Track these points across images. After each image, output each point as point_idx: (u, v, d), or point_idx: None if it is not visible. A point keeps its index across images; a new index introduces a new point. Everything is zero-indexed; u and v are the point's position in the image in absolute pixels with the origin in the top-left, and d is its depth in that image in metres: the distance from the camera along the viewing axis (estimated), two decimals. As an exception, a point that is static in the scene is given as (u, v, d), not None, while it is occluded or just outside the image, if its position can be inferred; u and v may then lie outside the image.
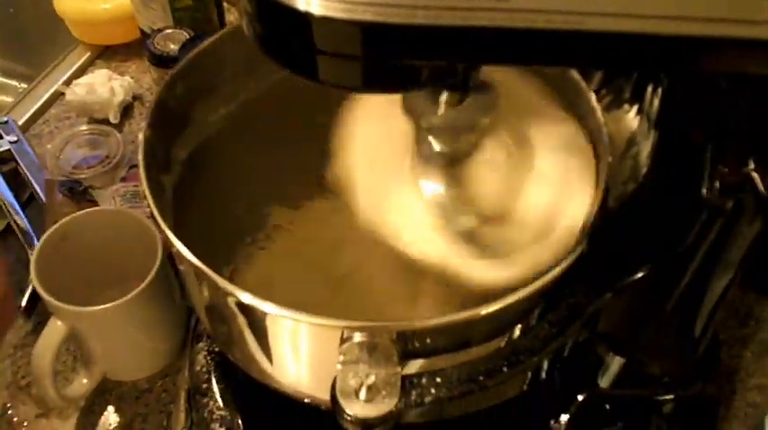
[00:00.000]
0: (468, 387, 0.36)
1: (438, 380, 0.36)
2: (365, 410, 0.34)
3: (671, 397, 0.54)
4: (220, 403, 0.56)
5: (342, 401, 0.34)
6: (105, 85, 0.78)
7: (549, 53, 0.28)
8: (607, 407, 0.54)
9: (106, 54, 0.90)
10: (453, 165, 0.40)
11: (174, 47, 0.72)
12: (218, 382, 0.57)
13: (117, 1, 0.86)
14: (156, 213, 0.38)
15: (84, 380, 0.58)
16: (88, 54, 0.89)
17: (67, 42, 0.91)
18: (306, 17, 0.28)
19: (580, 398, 0.53)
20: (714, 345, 0.56)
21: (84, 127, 0.76)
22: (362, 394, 0.34)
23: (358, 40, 0.28)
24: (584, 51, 0.28)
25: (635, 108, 0.44)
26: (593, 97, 0.43)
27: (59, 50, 0.91)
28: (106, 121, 0.78)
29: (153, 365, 0.60)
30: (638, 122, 0.43)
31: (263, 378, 0.45)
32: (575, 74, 0.44)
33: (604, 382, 0.50)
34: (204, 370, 0.58)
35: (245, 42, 0.43)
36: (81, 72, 0.87)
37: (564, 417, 0.53)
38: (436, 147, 0.39)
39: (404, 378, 0.35)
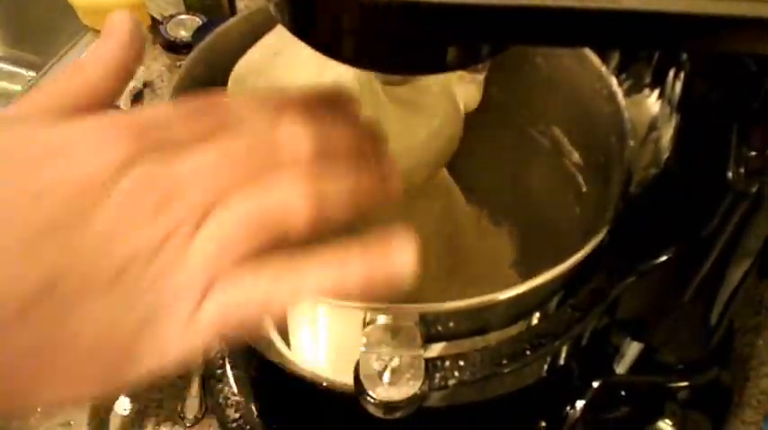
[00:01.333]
0: (491, 370, 0.36)
1: (461, 363, 0.36)
2: (389, 393, 0.34)
3: (685, 384, 0.54)
4: (235, 388, 0.56)
5: (365, 383, 0.34)
6: (116, 72, 0.77)
7: (581, 33, 0.28)
8: (622, 393, 0.54)
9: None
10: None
11: (185, 33, 0.71)
12: (232, 368, 0.57)
13: (127, -12, 0.86)
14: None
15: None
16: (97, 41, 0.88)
17: (76, 30, 0.91)
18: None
19: (596, 384, 0.53)
20: (729, 333, 0.56)
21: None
22: (386, 377, 0.34)
23: (384, 19, 0.28)
24: (619, 31, 0.28)
25: (656, 92, 0.43)
26: (614, 81, 0.42)
27: (68, 38, 0.91)
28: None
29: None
30: (659, 107, 0.43)
31: (281, 361, 0.45)
32: (594, 58, 0.44)
33: (621, 369, 0.50)
34: (219, 355, 0.58)
35: (259, 26, 0.43)
36: (92, 57, 0.86)
37: (580, 403, 0.53)
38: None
39: (427, 361, 0.35)
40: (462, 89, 0.46)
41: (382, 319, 0.35)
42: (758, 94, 0.33)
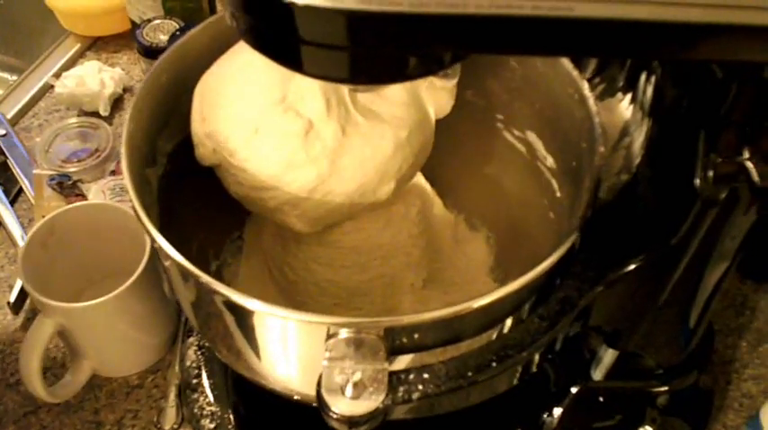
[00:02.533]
0: (456, 382, 0.35)
1: (426, 375, 0.35)
2: (351, 407, 0.33)
3: (665, 388, 0.54)
4: (211, 398, 0.56)
5: (327, 398, 0.34)
6: (95, 78, 0.77)
7: (536, 41, 0.27)
8: (601, 399, 0.53)
9: (97, 45, 0.89)
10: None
11: (163, 37, 0.71)
12: (208, 378, 0.57)
13: (107, -8, 0.85)
14: (137, 208, 0.37)
15: (74, 377, 0.57)
16: (78, 46, 0.88)
17: (58, 34, 0.90)
18: (289, 7, 0.27)
19: (574, 390, 0.52)
20: (708, 336, 0.55)
21: (73, 120, 0.75)
22: (348, 391, 0.34)
23: (342, 29, 0.28)
24: (573, 39, 0.27)
25: (628, 97, 0.43)
26: (585, 86, 0.42)
27: (50, 42, 0.90)
28: (96, 114, 0.77)
29: (143, 361, 0.60)
30: (631, 112, 0.42)
31: (251, 376, 0.44)
32: (566, 62, 0.43)
33: (597, 375, 0.50)
34: (194, 365, 0.57)
35: (229, 31, 0.42)
36: (71, 64, 0.86)
37: (557, 411, 0.53)
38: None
39: (391, 374, 0.35)
40: (433, 96, 0.46)
41: (345, 333, 0.34)
42: (724, 101, 0.32)
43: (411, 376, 0.35)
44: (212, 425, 0.54)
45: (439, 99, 0.46)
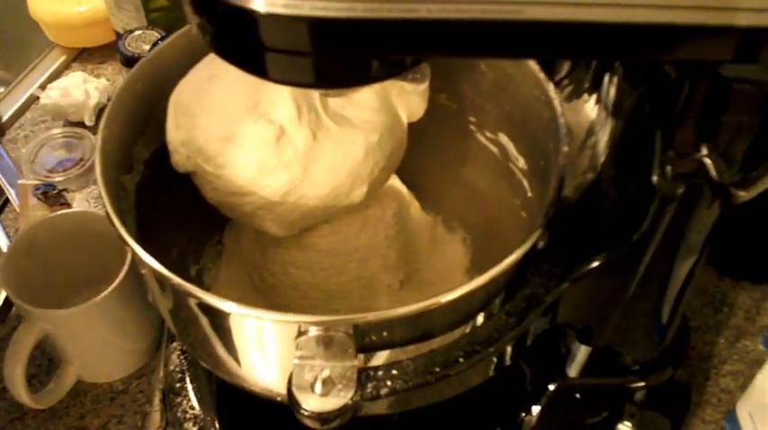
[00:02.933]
0: (424, 378, 0.36)
1: (394, 372, 0.36)
2: (320, 404, 0.34)
3: (642, 384, 0.54)
4: (194, 402, 0.56)
5: (297, 396, 0.34)
6: (80, 88, 0.78)
7: (488, 44, 0.28)
8: (578, 396, 0.54)
9: (82, 56, 0.90)
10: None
11: (146, 47, 0.72)
12: (191, 381, 0.57)
13: (92, 3, 0.86)
14: (111, 213, 0.38)
15: (59, 383, 0.58)
16: (64, 57, 0.89)
17: (44, 46, 0.91)
18: (251, 15, 0.28)
19: (551, 388, 0.53)
20: (683, 331, 0.56)
21: (58, 130, 0.76)
22: (318, 388, 0.34)
23: (301, 35, 0.28)
24: (523, 41, 0.28)
25: (594, 98, 0.44)
26: (551, 87, 0.43)
27: (37, 54, 0.91)
28: (81, 124, 0.78)
29: (127, 366, 0.60)
30: (596, 112, 0.43)
31: (232, 379, 0.45)
32: (533, 65, 0.44)
33: (572, 372, 0.51)
34: (178, 369, 0.58)
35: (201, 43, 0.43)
36: (57, 75, 0.87)
37: (535, 409, 0.53)
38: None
39: (360, 370, 0.35)
40: (404, 100, 0.47)
41: (314, 331, 0.35)
42: (678, 99, 0.33)
43: (380, 372, 0.36)
44: (195, 429, 0.55)
45: (411, 103, 0.47)
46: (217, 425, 0.56)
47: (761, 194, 0.58)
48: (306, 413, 0.34)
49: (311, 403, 0.34)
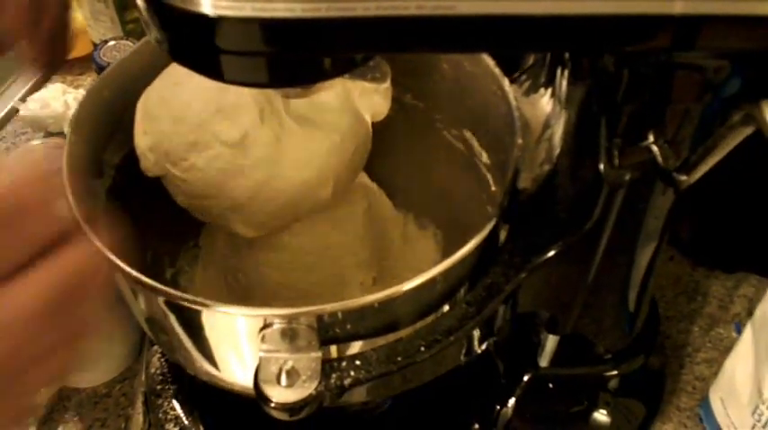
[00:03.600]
0: (387, 367, 0.37)
1: (357, 362, 0.37)
2: (285, 395, 0.35)
3: (614, 373, 0.55)
4: (175, 404, 0.57)
5: (264, 388, 0.35)
6: (59, 100, 0.79)
7: (427, 39, 0.29)
8: (551, 386, 0.55)
9: (62, 68, 0.91)
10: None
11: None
12: (172, 383, 0.58)
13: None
14: (78, 218, 0.39)
15: (42, 390, 0.58)
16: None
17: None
18: (201, 19, 0.29)
19: (524, 379, 0.54)
20: (653, 319, 0.57)
21: (37, 141, 0.77)
22: (283, 380, 0.35)
23: (246, 36, 0.29)
24: (459, 35, 0.29)
25: (549, 92, 0.45)
26: (506, 82, 0.44)
27: (17, 67, 0.92)
28: (61, 134, 0.79)
29: (110, 370, 0.61)
30: (551, 105, 0.44)
31: (209, 379, 0.46)
32: (489, 61, 0.45)
33: (543, 362, 0.52)
34: (159, 372, 0.59)
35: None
36: (37, 87, 0.87)
37: (511, 401, 0.54)
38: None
39: (324, 362, 0.36)
40: (367, 101, 0.48)
41: (278, 324, 0.36)
42: (618, 90, 0.34)
43: (343, 363, 0.37)
44: (176, 429, 0.55)
45: (374, 103, 0.48)
46: (201, 426, 0.57)
47: (732, 184, 0.59)
48: (272, 405, 0.35)
49: (276, 394, 0.35)
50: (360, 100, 0.47)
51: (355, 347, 0.39)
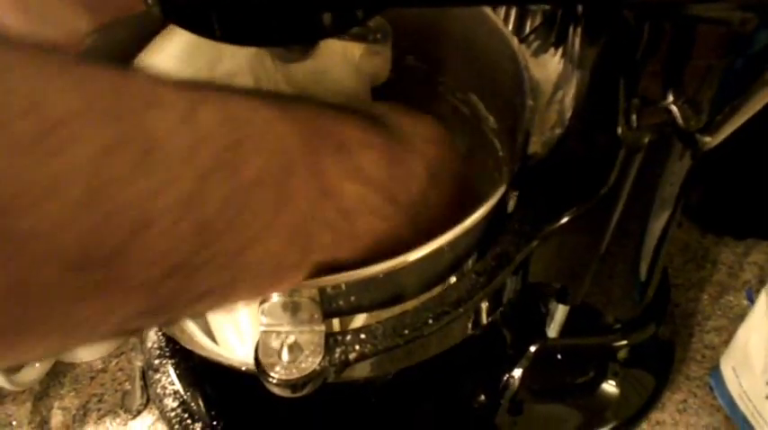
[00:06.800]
0: (393, 341, 0.35)
1: (363, 336, 0.35)
2: (287, 371, 0.33)
3: (624, 343, 0.54)
4: (173, 378, 0.56)
5: (264, 364, 0.34)
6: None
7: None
8: (559, 357, 0.53)
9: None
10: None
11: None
12: (170, 357, 0.57)
13: None
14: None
15: (37, 364, 0.57)
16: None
17: None
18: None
19: (532, 349, 0.52)
20: (664, 288, 0.56)
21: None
22: (285, 355, 0.34)
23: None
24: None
25: (560, 52, 0.43)
26: (515, 41, 0.42)
27: None
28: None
29: (106, 345, 0.60)
30: (562, 66, 0.42)
31: (207, 354, 0.44)
32: (496, 19, 0.43)
33: (552, 332, 0.50)
34: (156, 346, 0.57)
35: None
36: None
37: (517, 372, 0.53)
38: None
39: (328, 336, 0.35)
40: (367, 64, 0.46)
41: (279, 297, 0.34)
42: (638, 47, 0.32)
43: (348, 337, 0.35)
44: (175, 404, 0.54)
45: (375, 65, 0.46)
46: (200, 401, 0.56)
47: (741, 150, 0.57)
48: (274, 381, 0.34)
49: (278, 370, 0.34)
50: (360, 63, 0.45)
51: (360, 320, 0.37)
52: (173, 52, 0.42)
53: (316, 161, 0.30)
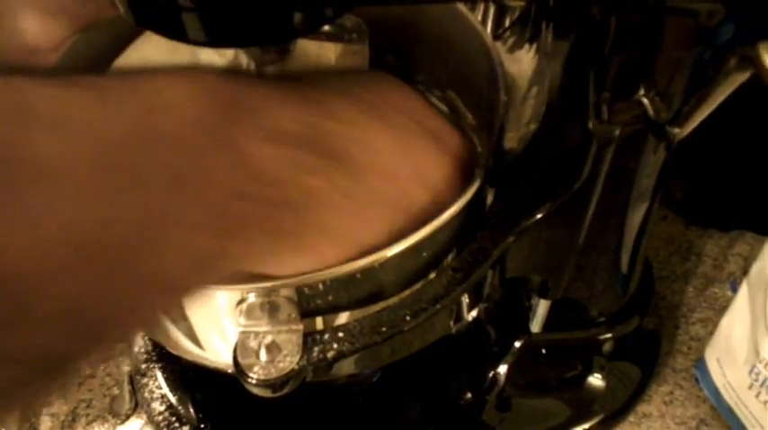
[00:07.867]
0: (371, 339, 0.35)
1: (341, 334, 0.35)
2: (266, 371, 0.34)
3: (609, 336, 0.54)
4: (161, 382, 0.56)
5: (243, 364, 0.34)
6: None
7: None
8: (544, 352, 0.54)
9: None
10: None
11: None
12: (157, 362, 0.57)
13: None
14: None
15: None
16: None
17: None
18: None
19: (517, 345, 0.53)
20: (647, 280, 0.56)
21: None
22: (263, 355, 0.34)
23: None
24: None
25: (534, 47, 0.43)
26: (488, 36, 0.42)
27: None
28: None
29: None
30: (536, 61, 0.42)
31: (193, 358, 0.44)
32: (469, 15, 0.43)
33: (535, 327, 0.50)
34: (143, 350, 0.57)
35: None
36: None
37: (503, 368, 0.53)
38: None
39: (306, 335, 0.35)
40: (344, 64, 0.46)
41: (256, 297, 0.34)
42: (605, 41, 0.33)
43: (326, 336, 0.35)
44: (163, 408, 0.54)
45: (352, 65, 0.46)
46: (188, 404, 0.56)
47: (723, 140, 0.58)
48: (252, 381, 0.34)
49: (257, 370, 0.34)
50: (336, 63, 0.45)
51: (340, 319, 0.38)
52: (149, 57, 0.43)
53: (223, 133, 0.28)
